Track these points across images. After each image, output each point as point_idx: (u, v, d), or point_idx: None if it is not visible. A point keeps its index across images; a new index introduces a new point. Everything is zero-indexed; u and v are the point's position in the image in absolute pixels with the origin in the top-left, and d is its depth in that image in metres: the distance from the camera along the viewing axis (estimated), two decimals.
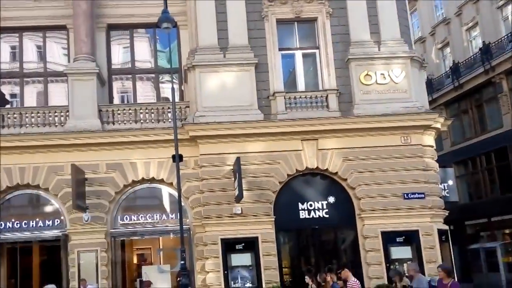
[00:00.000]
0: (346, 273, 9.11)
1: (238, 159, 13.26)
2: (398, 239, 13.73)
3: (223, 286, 13.35)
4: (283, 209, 14.05)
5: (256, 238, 13.56)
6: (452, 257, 14.82)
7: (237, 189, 13.20)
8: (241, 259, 13.62)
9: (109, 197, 14.22)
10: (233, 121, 13.92)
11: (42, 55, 15.91)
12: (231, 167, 13.80)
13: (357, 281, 8.89)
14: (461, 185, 22.49)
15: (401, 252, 13.79)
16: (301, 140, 14.19)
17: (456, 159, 24.65)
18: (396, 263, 13.65)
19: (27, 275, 15.77)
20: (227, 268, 13.47)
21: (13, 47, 15.91)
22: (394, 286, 9.97)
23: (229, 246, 13.57)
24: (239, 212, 13.73)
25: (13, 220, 14.41)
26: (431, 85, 27.14)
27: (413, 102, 14.37)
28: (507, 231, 25.32)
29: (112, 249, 14.22)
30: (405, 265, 12.90)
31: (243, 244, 13.60)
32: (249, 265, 13.60)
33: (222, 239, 13.57)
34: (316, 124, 14.08)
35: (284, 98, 14.43)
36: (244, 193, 13.21)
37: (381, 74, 14.46)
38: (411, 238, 13.74)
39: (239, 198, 13.24)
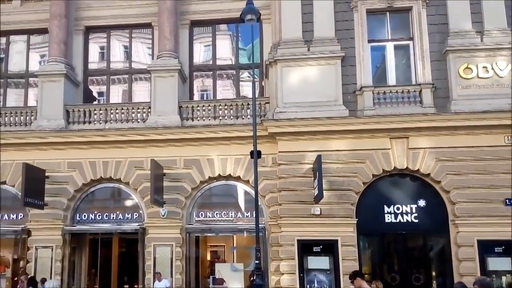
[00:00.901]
0: (359, 282, 8.10)
1: (319, 157, 12.51)
2: (496, 249, 12.26)
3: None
4: (366, 211, 13.03)
5: (336, 241, 12.71)
6: None
7: (317, 188, 12.43)
8: (318, 262, 12.83)
9: (186, 192, 14.14)
10: (315, 117, 13.22)
11: (128, 54, 16.40)
12: (311, 166, 13.08)
13: None
14: None
15: (499, 263, 12.31)
16: (390, 138, 13.10)
17: None
18: (493, 276, 12.19)
19: (107, 265, 16.11)
20: (303, 270, 12.79)
21: (101, 47, 16.57)
22: None
23: (306, 248, 12.89)
24: (318, 213, 12.95)
25: (95, 212, 14.83)
26: None
27: None
28: None
29: (186, 244, 14.13)
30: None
31: (321, 247, 12.85)
32: (327, 269, 12.80)
33: (298, 240, 12.91)
34: (408, 121, 12.91)
35: (373, 93, 13.47)
36: (324, 193, 12.43)
37: (483, 67, 13.04)
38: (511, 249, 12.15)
39: (318, 198, 12.45)
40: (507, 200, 12.35)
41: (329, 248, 12.76)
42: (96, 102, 16.16)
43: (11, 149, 14.82)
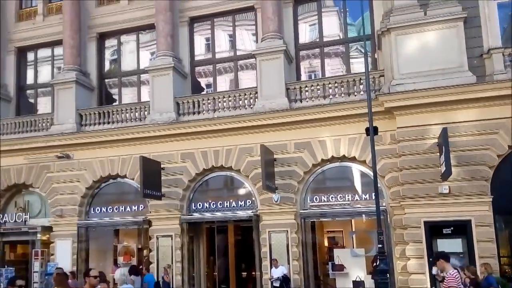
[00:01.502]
0: (442, 264, 7.15)
1: (444, 130, 11.46)
2: None
3: (427, 274, 11.69)
4: (503, 187, 11.70)
5: (469, 221, 11.63)
6: None
7: (444, 164, 11.39)
8: (449, 245, 11.73)
9: (298, 177, 13.79)
10: (437, 86, 12.14)
11: (232, 43, 16.37)
12: (435, 140, 12.05)
13: (456, 273, 6.68)
14: None
15: None
16: None
17: None
18: None
19: (224, 253, 16.32)
20: (432, 254, 11.73)
21: (206, 39, 16.73)
22: None
23: (434, 230, 11.96)
24: (447, 191, 11.91)
25: (210, 201, 15.04)
26: None
27: None
28: None
29: (302, 230, 13.79)
30: None
31: (451, 228, 11.82)
32: (460, 253, 11.76)
33: (425, 222, 12.03)
34: None
35: (503, 54, 12.11)
36: (453, 169, 11.41)
37: None
38: None
39: (446, 176, 11.40)
40: None
41: (461, 229, 11.70)
42: (204, 92, 16.38)
43: (128, 144, 15.54)
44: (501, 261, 11.78)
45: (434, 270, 10.29)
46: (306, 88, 14.25)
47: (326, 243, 15.87)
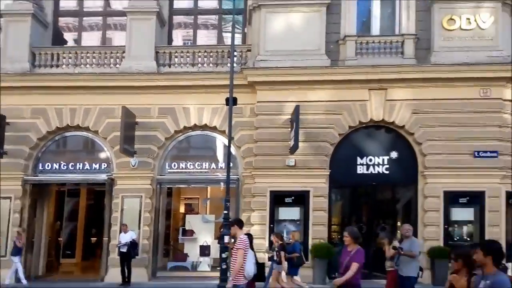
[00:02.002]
0: (235, 229, 7.09)
1: (297, 107, 12.33)
2: (461, 200, 12.62)
3: (267, 239, 12.48)
4: (339, 163, 13.00)
5: (308, 192, 12.65)
6: None
7: (293, 139, 12.28)
8: (289, 213, 12.85)
9: (159, 142, 13.70)
10: (296, 66, 12.97)
11: None
12: (289, 116, 12.88)
13: (246, 238, 6.99)
14: None
15: (462, 213, 12.75)
16: (369, 89, 13.03)
17: None
18: (456, 225, 12.71)
19: (73, 218, 15.51)
20: (274, 221, 12.71)
21: None
22: (383, 249, 8.97)
23: (278, 199, 12.81)
24: (293, 164, 12.82)
25: (61, 162, 14.14)
26: None
27: (499, 51, 12.80)
28: None
29: (157, 196, 13.73)
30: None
31: (293, 198, 12.79)
32: (297, 220, 12.79)
33: (271, 191, 12.80)
34: (388, 72, 12.88)
35: (356, 42, 13.32)
36: (300, 144, 12.32)
37: (467, 18, 12.98)
38: (475, 199, 12.54)
39: (294, 149, 12.31)
40: (475, 153, 12.54)
41: (300, 199, 12.70)
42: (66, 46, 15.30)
43: None
44: (331, 228, 13.07)
45: (227, 238, 10.59)
46: (176, 54, 14.16)
47: (182, 210, 15.98)
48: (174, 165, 13.95)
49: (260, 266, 8.18)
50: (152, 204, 13.51)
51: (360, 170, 13.04)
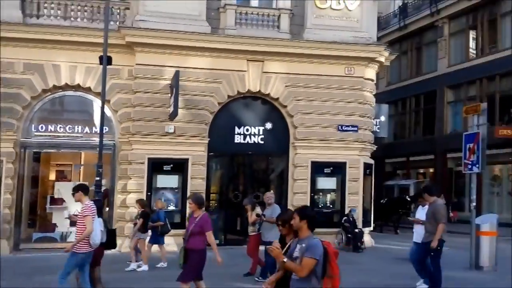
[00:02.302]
0: (80, 196, 6.70)
1: (177, 72, 12.24)
2: (326, 170, 13.86)
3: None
4: (218, 132, 13.47)
5: (187, 160, 12.89)
6: (373, 191, 15.35)
7: (172, 105, 12.33)
8: (167, 180, 12.98)
9: (24, 102, 12.59)
10: (176, 30, 12.68)
11: None
12: (169, 82, 12.77)
13: (92, 204, 6.73)
14: (388, 125, 23.19)
15: (326, 182, 14.04)
16: (247, 60, 13.40)
17: (389, 99, 25.20)
18: (321, 193, 13.99)
19: None
20: (151, 189, 12.77)
21: None
22: (246, 215, 9.63)
23: (156, 166, 12.81)
24: (172, 131, 12.93)
25: None
26: (378, 23, 27.00)
27: (363, 33, 13.96)
28: (421, 170, 27.14)
29: (21, 161, 12.67)
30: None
31: (171, 165, 12.90)
32: (176, 188, 13.01)
33: (149, 158, 12.75)
34: (264, 44, 13.30)
35: (235, 12, 13.38)
36: (180, 111, 12.41)
37: None
38: (338, 170, 13.91)
39: (173, 116, 12.40)
40: (339, 126, 13.87)
41: (179, 167, 12.89)
42: None
43: None
44: (210, 196, 13.66)
45: (66, 213, 10.28)
46: (46, 5, 12.80)
47: (52, 177, 14.86)
48: (42, 128, 12.94)
49: (111, 232, 7.94)
50: (15, 169, 12.44)
51: (238, 139, 13.66)
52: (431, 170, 25.93)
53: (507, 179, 22.00)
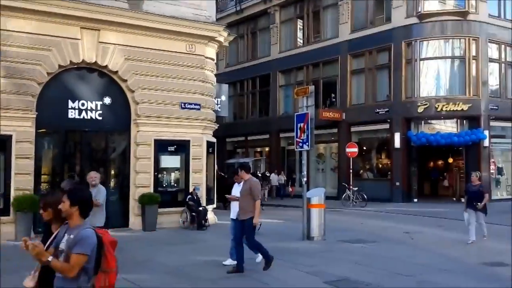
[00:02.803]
0: None
1: None
2: (169, 148, 13.59)
3: None
4: (48, 105, 12.02)
5: (10, 136, 11.26)
6: (215, 169, 15.62)
7: None
8: None
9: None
10: None
11: None
12: None
13: None
14: (228, 105, 23.95)
15: (170, 161, 13.78)
16: (80, 27, 12.21)
17: (228, 80, 25.96)
18: (165, 172, 13.71)
19: None
20: None
21: None
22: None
23: None
24: None
25: None
26: (216, 5, 27.48)
27: (203, 11, 13.95)
28: (258, 149, 28.79)
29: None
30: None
31: None
32: None
33: None
34: (99, 12, 12.24)
35: None
36: (2, 80, 10.91)
37: None
38: (182, 148, 13.76)
39: None
40: (182, 104, 13.66)
41: (1, 145, 11.20)
42: None
43: None
44: (41, 178, 12.16)
45: None
46: None
47: None
48: None
49: None
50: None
51: (72, 114, 12.40)
52: (267, 149, 27.63)
53: (330, 156, 24.68)
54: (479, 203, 10.42)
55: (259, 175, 21.06)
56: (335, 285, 7.10)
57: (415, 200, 20.97)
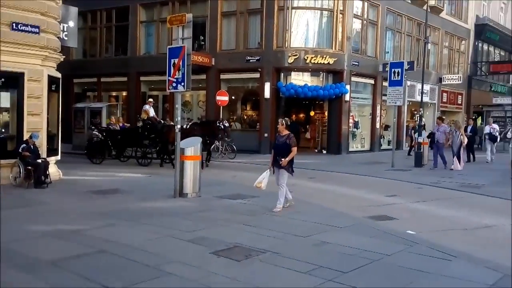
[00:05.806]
0: None
1: None
2: None
3: None
4: None
5: None
6: (60, 110, 12.74)
7: None
8: None
9: None
10: None
11: None
12: None
13: None
14: (78, 37, 20.29)
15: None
16: None
17: (78, 7, 21.90)
18: None
19: None
20: None
21: None
22: None
23: None
24: None
25: None
26: None
27: None
28: (114, 93, 25.55)
29: None
30: None
31: None
32: None
33: None
34: None
35: None
36: None
37: None
38: (12, 82, 10.86)
39: None
40: (14, 24, 10.56)
41: None
42: None
43: None
44: None
45: None
46: None
47: None
48: None
49: None
50: None
51: None
52: (124, 93, 24.66)
53: (197, 105, 22.91)
54: (283, 159, 8.19)
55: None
56: (227, 255, 5.54)
57: None
